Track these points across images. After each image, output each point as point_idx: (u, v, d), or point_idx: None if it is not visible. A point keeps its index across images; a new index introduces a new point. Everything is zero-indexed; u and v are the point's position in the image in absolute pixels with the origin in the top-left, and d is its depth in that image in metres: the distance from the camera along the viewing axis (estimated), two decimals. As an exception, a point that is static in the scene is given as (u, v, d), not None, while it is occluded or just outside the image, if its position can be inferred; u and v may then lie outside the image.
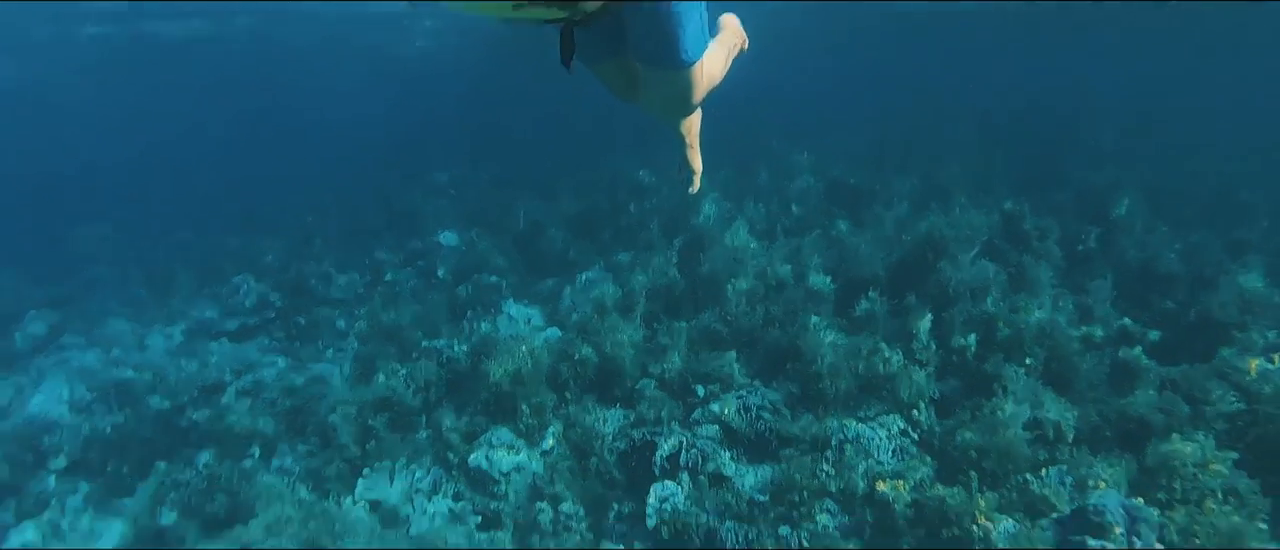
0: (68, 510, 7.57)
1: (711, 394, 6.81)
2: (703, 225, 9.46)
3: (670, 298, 8.27)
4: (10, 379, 9.23)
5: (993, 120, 18.82)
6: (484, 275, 10.29)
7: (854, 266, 8.26)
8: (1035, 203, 10.91)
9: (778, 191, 11.96)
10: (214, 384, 8.79)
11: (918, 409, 6.38)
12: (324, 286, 11.17)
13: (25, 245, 15.94)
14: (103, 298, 12.34)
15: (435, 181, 16.32)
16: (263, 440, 7.83)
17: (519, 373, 6.99)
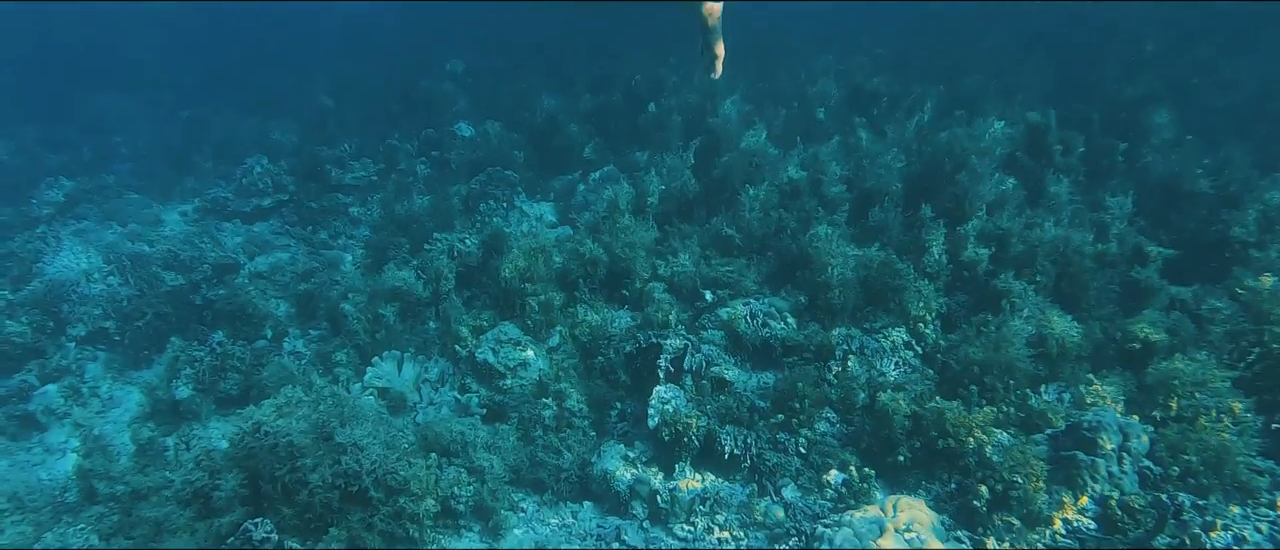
0: (87, 376, 7.80)
1: (719, 300, 6.83)
2: (720, 127, 9.28)
3: (684, 200, 8.20)
4: (31, 244, 9.34)
5: (1027, 26, 18.16)
6: (497, 168, 10.21)
7: (871, 176, 8.13)
8: (1062, 115, 10.64)
9: (798, 96, 11.68)
10: (228, 263, 8.89)
11: (924, 322, 6.39)
12: (338, 172, 11.14)
13: (42, 107, 15.94)
14: (119, 169, 12.38)
15: (452, 70, 16.05)
16: (275, 322, 7.97)
17: (529, 269, 7.02)
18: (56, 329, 8.01)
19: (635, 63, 13.29)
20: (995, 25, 17.64)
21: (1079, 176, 9.11)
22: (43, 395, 7.42)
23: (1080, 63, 13.87)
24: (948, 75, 12.84)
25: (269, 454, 4.73)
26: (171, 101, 16.28)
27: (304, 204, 10.46)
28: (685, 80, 12.08)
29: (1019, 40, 16.23)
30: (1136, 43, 15.25)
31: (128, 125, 14.82)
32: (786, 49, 14.33)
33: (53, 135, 14.32)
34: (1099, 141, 9.50)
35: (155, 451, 6.49)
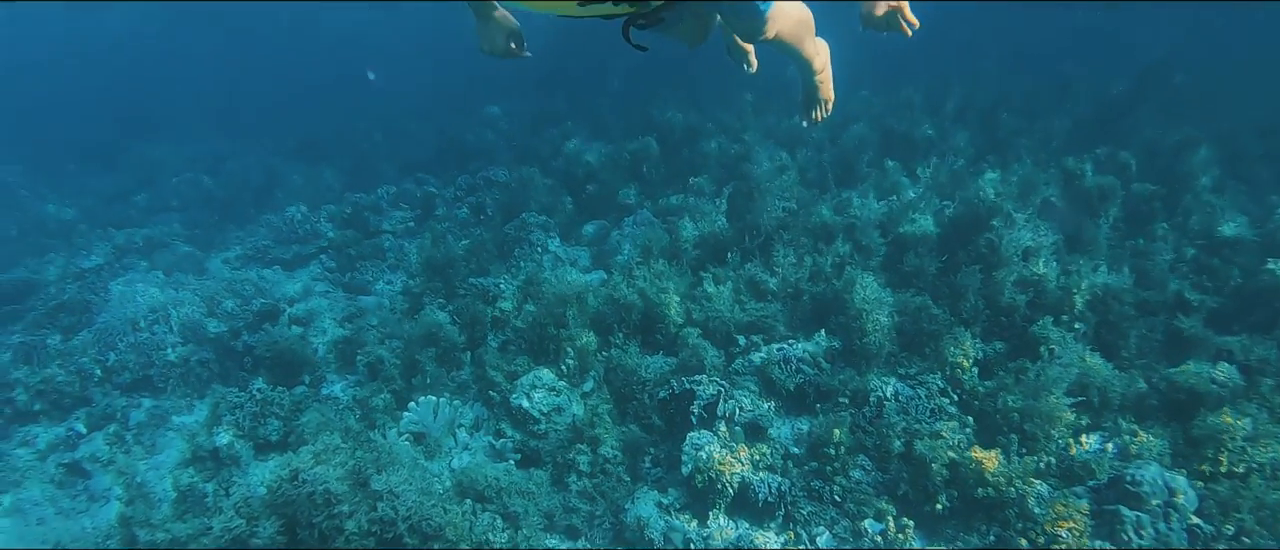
0: (131, 423, 7.95)
1: (753, 344, 6.82)
2: (754, 172, 9.35)
3: (718, 245, 8.23)
4: (81, 295, 9.62)
5: (1061, 71, 18.11)
6: (533, 213, 10.34)
7: (904, 221, 8.11)
8: (1099, 159, 10.58)
9: (832, 140, 11.74)
10: (269, 310, 9.07)
11: (961, 369, 6.32)
12: (376, 219, 11.37)
13: (96, 158, 16.53)
14: (166, 218, 12.74)
15: (488, 115, 16.37)
16: (313, 368, 8.09)
17: (563, 315, 7.08)
18: (104, 377, 8.20)
19: (671, 108, 13.45)
20: (1029, 69, 17.64)
21: (1117, 222, 9.03)
22: (89, 442, 7.58)
23: (1117, 107, 13.78)
24: (982, 119, 12.82)
25: (306, 501, 4.79)
26: (217, 151, 16.76)
27: (343, 250, 10.66)
28: (720, 126, 12.20)
29: (1053, 84, 16.18)
30: (1174, 89, 15.13)
31: (175, 174, 15.26)
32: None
33: (104, 185, 14.82)
34: (1137, 187, 9.40)
35: (196, 497, 6.58)
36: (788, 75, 4.25)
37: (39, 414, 7.93)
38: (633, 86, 17.27)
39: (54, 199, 14.09)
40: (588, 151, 11.61)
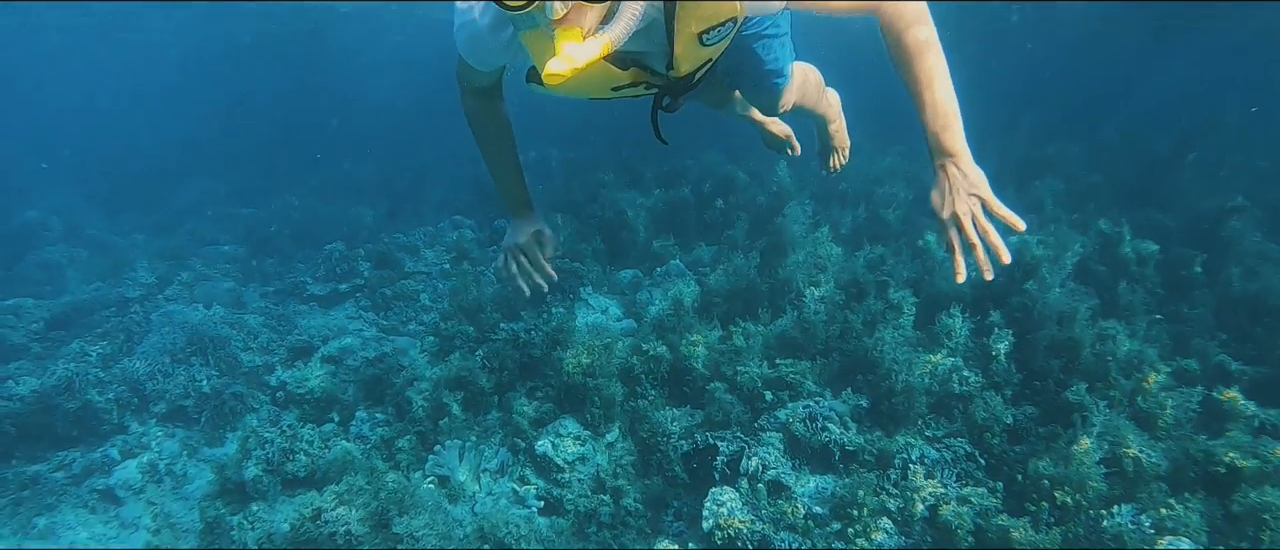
0: (165, 453, 8.09)
1: (779, 401, 6.79)
2: (787, 227, 9.37)
3: (749, 299, 8.24)
4: (122, 324, 9.87)
5: (1101, 131, 18.00)
6: (565, 260, 10.44)
7: (938, 280, 8.07)
8: (1137, 224, 10.44)
9: (866, 197, 11.74)
10: (302, 346, 9.22)
11: (990, 432, 6.22)
12: (411, 260, 11.55)
13: (141, 194, 17.04)
14: (206, 253, 13.06)
15: (525, 160, 16.59)
16: (343, 406, 8.19)
17: (592, 364, 7.11)
18: (140, 406, 8.37)
19: (706, 160, 13.58)
20: (1067, 130, 17.54)
21: (1155, 287, 8.88)
22: (123, 469, 7.72)
23: (1158, 169, 13.65)
24: (1016, 178, 12.75)
25: (327, 541, 4.83)
26: (258, 187, 17.18)
27: (377, 290, 10.82)
28: (754, 179, 12.26)
29: (1091, 145, 16.09)
30: (1216, 150, 14.95)
31: (220, 207, 15.68)
32: (853, 147, 14.45)
33: (149, 220, 15.25)
34: (1177, 251, 9.26)
35: (222, 530, 6.65)
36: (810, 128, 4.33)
37: (77, 439, 8.11)
38: (670, 136, 17.38)
39: (105, 228, 14.52)
40: (623, 200, 11.71)
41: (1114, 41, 23.80)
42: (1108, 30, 20.46)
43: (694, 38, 2.17)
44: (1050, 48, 27.18)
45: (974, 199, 2.05)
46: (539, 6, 1.79)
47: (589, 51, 1.82)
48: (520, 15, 1.95)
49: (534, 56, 2.18)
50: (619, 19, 1.88)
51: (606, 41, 1.85)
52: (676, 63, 2.26)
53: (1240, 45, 23.95)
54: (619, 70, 2.25)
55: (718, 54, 2.39)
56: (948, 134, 2.12)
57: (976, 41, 23.79)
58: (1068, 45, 25.91)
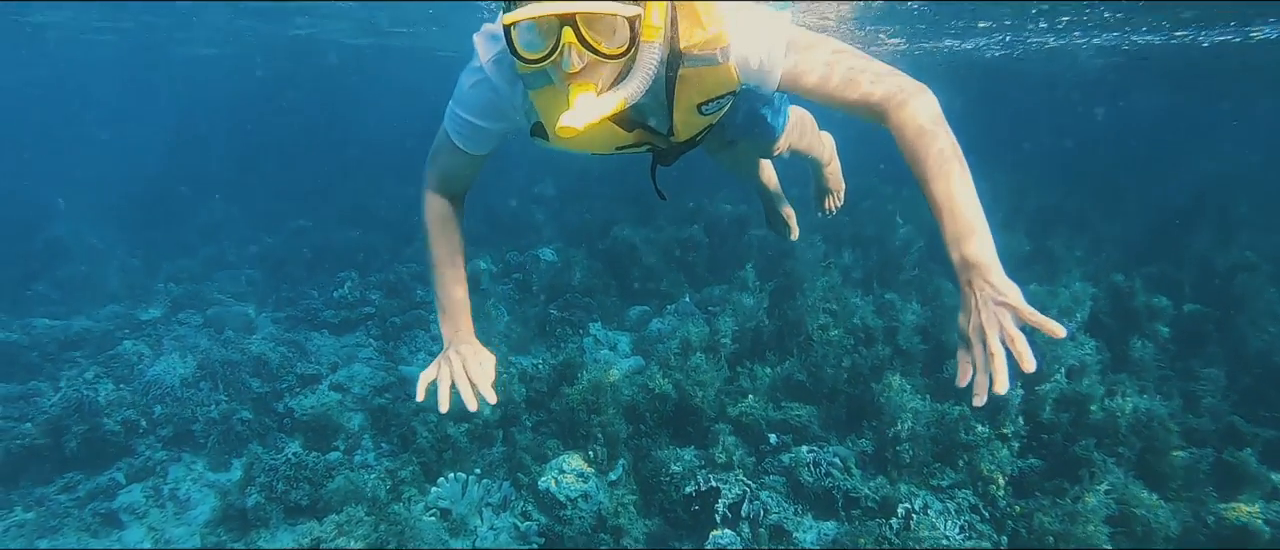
0: (169, 477, 8.10)
1: (784, 444, 6.76)
2: (797, 270, 9.40)
3: (757, 340, 8.25)
4: (135, 347, 9.94)
5: (1117, 183, 18.00)
6: (577, 295, 10.48)
7: (947, 328, 8.05)
8: (1150, 276, 10.42)
9: (878, 241, 11.76)
10: (311, 374, 9.26)
11: (995, 485, 6.17)
12: (423, 290, 11.61)
13: (162, 215, 17.24)
14: (220, 278, 13.17)
15: (541, 193, 16.73)
16: (348, 435, 8.20)
17: (597, 401, 7.11)
18: (148, 429, 8.40)
19: (718, 199, 13.64)
20: (1081, 183, 17.55)
21: (1167, 343, 8.83)
22: (128, 493, 7.74)
23: (1171, 223, 13.61)
24: (1030, 227, 12.76)
25: (327, 571, 4.83)
26: (275, 212, 17.33)
27: (387, 318, 10.87)
28: (763, 218, 12.28)
29: (1105, 198, 16.08)
30: (1230, 205, 14.91)
31: (233, 233, 15.83)
32: (866, 189, 14.50)
33: (168, 240, 15.42)
34: (1189, 308, 9.22)
35: (222, 557, 6.65)
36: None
37: (84, 461, 8.13)
38: (684, 175, 17.46)
39: (122, 249, 14.67)
40: (635, 237, 11.77)
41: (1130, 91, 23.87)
42: (1125, 79, 20.51)
43: (693, 107, 2.24)
44: (1067, 97, 27.25)
45: (1002, 308, 1.76)
46: (556, 59, 1.85)
47: (603, 107, 1.88)
48: (534, 72, 2.01)
49: (543, 113, 2.21)
50: (632, 77, 1.93)
51: (621, 99, 1.91)
52: (676, 129, 2.33)
53: (1256, 98, 24.00)
54: (624, 132, 2.30)
55: (717, 120, 2.44)
56: (970, 243, 1.87)
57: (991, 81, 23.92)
58: (1084, 95, 25.96)
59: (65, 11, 14.22)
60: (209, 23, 15.45)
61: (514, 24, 1.83)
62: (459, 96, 2.30)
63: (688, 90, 2.16)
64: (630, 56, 1.91)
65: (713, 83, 2.15)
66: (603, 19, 1.82)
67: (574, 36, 1.79)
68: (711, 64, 2.09)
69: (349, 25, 14.80)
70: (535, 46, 1.87)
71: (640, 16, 1.86)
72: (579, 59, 1.83)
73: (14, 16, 15.68)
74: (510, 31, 1.86)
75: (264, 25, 16.19)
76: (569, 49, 1.81)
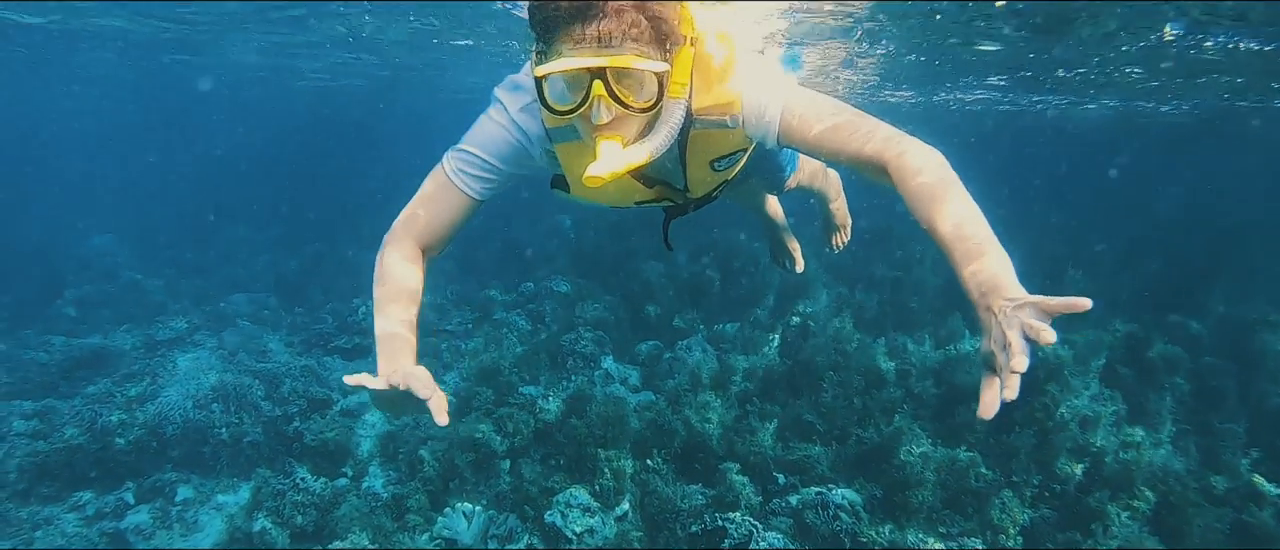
0: (178, 499, 8.12)
1: (792, 485, 6.71)
2: (810, 309, 9.40)
3: (768, 379, 8.22)
4: (150, 367, 10.02)
5: (1132, 230, 17.88)
6: (589, 328, 10.48)
7: (961, 373, 8.00)
8: (1167, 327, 10.31)
9: (893, 282, 11.73)
10: (322, 399, 9.29)
11: (1006, 534, 6.09)
12: (436, 317, 11.66)
13: (183, 238, 17.45)
14: (236, 300, 13.28)
15: (559, 225, 16.81)
16: (356, 462, 8.21)
17: (606, 435, 7.09)
18: (159, 450, 8.44)
19: (733, 236, 13.64)
20: (1099, 230, 17.44)
21: (1184, 396, 8.73)
22: (135, 514, 7.76)
23: (1189, 274, 13.48)
24: (1046, 273, 12.68)
25: (329, 599, 4.81)
26: (294, 237, 17.48)
27: (401, 347, 10.90)
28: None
29: (1122, 245, 15.97)
30: (1249, 255, 14.75)
31: (252, 257, 15.98)
32: (883, 230, 14.47)
33: (189, 261, 15.60)
34: (1206, 361, 9.11)
35: (225, 580, 6.64)
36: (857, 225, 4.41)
37: (94, 481, 8.17)
38: (702, 211, 17.53)
39: (141, 269, 14.85)
40: (650, 271, 11.78)
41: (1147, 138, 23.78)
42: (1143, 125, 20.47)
43: (705, 164, 2.33)
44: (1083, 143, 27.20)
45: (1022, 309, 1.58)
46: (585, 112, 1.91)
47: (629, 158, 1.94)
48: (560, 126, 2.09)
49: (567, 166, 2.28)
50: (657, 132, 2.00)
51: (646, 152, 1.97)
52: (691, 185, 2.42)
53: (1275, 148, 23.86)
54: (644, 187, 2.38)
55: (733, 174, 2.52)
56: (982, 262, 1.74)
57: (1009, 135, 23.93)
58: (1101, 141, 25.91)
59: (108, 52, 14.58)
60: (238, 62, 15.75)
61: (546, 76, 1.89)
62: (479, 139, 2.30)
63: (699, 148, 2.25)
64: (656, 112, 1.98)
65: (723, 142, 2.24)
66: (632, 74, 1.88)
67: (604, 89, 1.84)
68: (722, 128, 2.18)
69: (376, 59, 15.03)
70: (565, 99, 1.92)
71: (668, 73, 1.93)
72: (608, 112, 1.89)
73: (60, 60, 16.18)
74: (541, 84, 1.92)
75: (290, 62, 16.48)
76: (599, 102, 1.86)
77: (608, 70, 1.83)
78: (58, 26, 11.38)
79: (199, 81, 19.04)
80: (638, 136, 2.00)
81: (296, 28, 11.16)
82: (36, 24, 11.19)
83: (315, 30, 11.42)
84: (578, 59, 1.82)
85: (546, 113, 1.98)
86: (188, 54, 14.42)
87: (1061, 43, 8.74)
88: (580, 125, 2.00)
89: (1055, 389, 7.18)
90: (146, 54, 14.55)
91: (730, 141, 2.24)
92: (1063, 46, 9.00)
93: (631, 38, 1.83)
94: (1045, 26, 7.81)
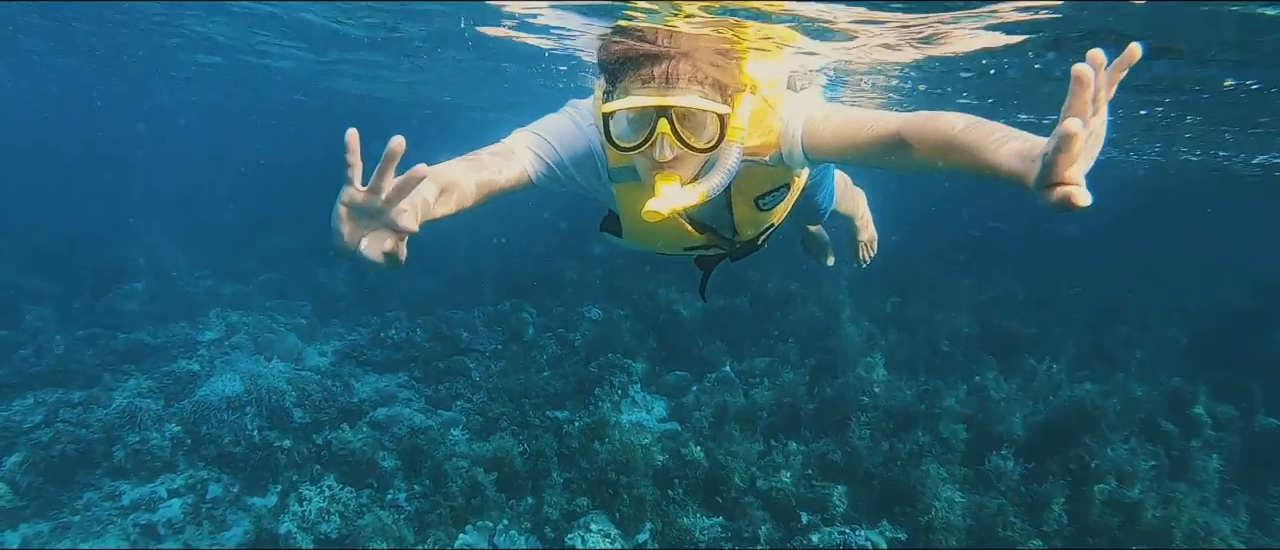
0: (208, 496, 8.26)
1: (813, 524, 6.61)
2: (841, 347, 9.31)
3: (794, 416, 8.15)
4: (187, 367, 10.24)
5: (1183, 281, 17.46)
6: (618, 356, 10.49)
7: (992, 419, 7.84)
8: (1217, 382, 10.01)
9: (926, 323, 11.58)
10: (352, 409, 9.41)
11: (1034, 588, 5.94)
12: (469, 336, 11.75)
13: (229, 243, 17.86)
14: (276, 306, 13.54)
15: (592, 252, 16.88)
16: (381, 474, 8.28)
17: (628, 462, 7.07)
18: (193, 447, 8.61)
19: (766, 270, 13.59)
20: (1147, 281, 17.06)
21: (1233, 455, 8.45)
22: (168, 507, 7.91)
23: (1241, 328, 13.10)
24: (1090, 323, 12.42)
25: (343, 608, 4.84)
26: (330, 248, 17.72)
27: (431, 363, 11.02)
28: (811, 292, 12.23)
29: (1170, 296, 15.59)
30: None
31: (293, 264, 16.26)
32: (919, 274, 14.32)
33: (230, 266, 15.95)
34: (1260, 420, 8.82)
35: (249, 582, 6.72)
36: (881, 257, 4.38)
37: (130, 471, 8.35)
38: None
39: (186, 271, 15.22)
40: (681, 302, 11.78)
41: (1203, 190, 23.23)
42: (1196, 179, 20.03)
43: (750, 202, 2.38)
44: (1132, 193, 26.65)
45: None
46: (647, 150, 1.98)
47: (687, 197, 2.01)
48: (621, 166, 2.17)
49: (623, 204, 2.35)
50: (715, 172, 2.07)
51: (703, 191, 2.03)
52: (738, 226, 2.47)
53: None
54: (694, 232, 2.42)
55: (780, 219, 2.58)
56: (1014, 143, 1.49)
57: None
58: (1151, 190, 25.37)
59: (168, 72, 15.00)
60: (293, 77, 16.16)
61: (612, 113, 1.97)
62: (552, 128, 2.26)
63: (743, 186, 2.30)
64: (714, 153, 2.05)
65: (766, 178, 2.30)
66: (695, 115, 1.96)
67: (668, 127, 1.92)
68: (763, 165, 2.22)
69: (431, 77, 15.30)
70: (629, 136, 2.00)
71: (729, 116, 2.00)
72: (670, 151, 1.96)
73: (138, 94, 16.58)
74: (608, 120, 1.99)
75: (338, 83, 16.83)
76: (662, 139, 1.94)
77: (672, 110, 1.91)
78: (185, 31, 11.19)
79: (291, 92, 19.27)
80: (694, 177, 2.07)
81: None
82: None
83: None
84: (645, 98, 1.90)
85: (610, 149, 2.06)
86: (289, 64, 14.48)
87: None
88: (640, 163, 2.07)
89: (1092, 440, 7.00)
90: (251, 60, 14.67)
91: (772, 177, 2.30)
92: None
93: (696, 80, 1.92)
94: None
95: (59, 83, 22.74)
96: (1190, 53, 5.42)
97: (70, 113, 37.08)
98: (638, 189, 2.19)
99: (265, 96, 21.55)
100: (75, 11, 10.39)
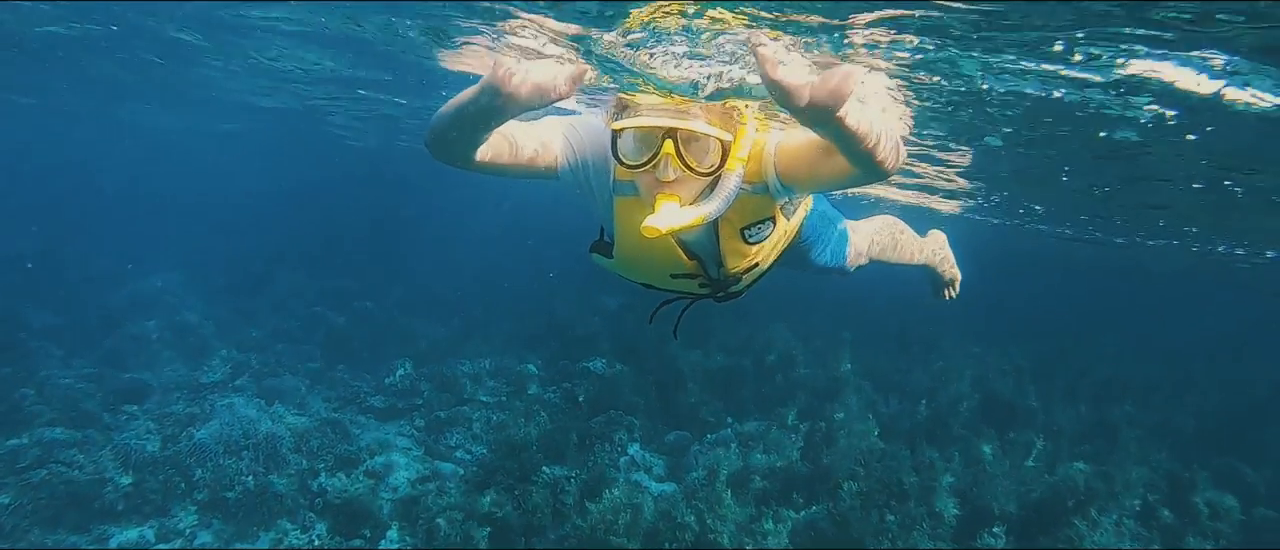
0: (196, 542, 8.25)
1: (802, 595, 6.57)
2: (838, 415, 9.31)
3: (788, 481, 8.13)
4: (188, 409, 10.31)
5: (1188, 361, 17.36)
6: (620, 413, 10.51)
7: (986, 494, 7.81)
8: (1216, 469, 9.94)
9: (929, 393, 11.57)
10: (350, 457, 9.43)
11: (1022, 672, 5.86)
12: (472, 386, 11.81)
13: (240, 283, 18.01)
14: (280, 350, 13.62)
15: (604, 304, 16.94)
16: (375, 523, 8.27)
17: (617, 522, 7.07)
18: (186, 491, 8.63)
19: (771, 332, 13.63)
20: (1156, 354, 16.99)
21: (1232, 545, 8.35)
22: (154, 552, 7.92)
23: (1243, 415, 13.00)
24: (1092, 397, 12.38)
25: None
26: (343, 290, 17.85)
27: (433, 412, 11.06)
28: (817, 358, 12.26)
29: (1176, 375, 15.51)
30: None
31: (300, 308, 16.35)
32: (929, 340, 14.33)
33: (240, 306, 16.09)
34: (1260, 512, 8.74)
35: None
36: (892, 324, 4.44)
37: (121, 514, 8.36)
38: (742, 304, 17.52)
39: (196, 312, 15.35)
40: (685, 361, 11.82)
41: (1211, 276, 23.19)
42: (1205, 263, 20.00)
43: (737, 232, 2.46)
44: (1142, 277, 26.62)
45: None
46: (651, 169, 2.12)
47: (685, 217, 2.12)
48: (624, 181, 2.29)
49: (620, 217, 2.44)
50: (714, 197, 2.18)
51: (701, 214, 2.14)
52: (724, 258, 2.54)
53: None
54: (686, 258, 2.51)
55: (766, 260, 2.65)
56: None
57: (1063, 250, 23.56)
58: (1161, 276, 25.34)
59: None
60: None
61: (621, 131, 2.12)
62: (584, 125, 2.44)
63: (731, 216, 2.39)
64: (714, 179, 2.18)
65: (752, 208, 2.40)
66: (700, 140, 2.11)
67: (673, 148, 2.07)
68: (749, 194, 2.33)
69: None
70: (635, 154, 2.14)
71: (731, 143, 2.15)
72: (673, 172, 2.10)
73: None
74: (616, 137, 2.14)
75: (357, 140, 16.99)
76: (666, 160, 2.08)
77: (679, 132, 2.05)
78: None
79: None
80: (693, 201, 2.18)
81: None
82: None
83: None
84: (654, 118, 2.05)
85: (616, 164, 2.19)
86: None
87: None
88: (642, 182, 2.21)
89: (1082, 523, 6.97)
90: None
91: (758, 208, 2.40)
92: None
93: (703, 108, 2.08)
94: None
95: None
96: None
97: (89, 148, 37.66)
98: (636, 204, 2.31)
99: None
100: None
